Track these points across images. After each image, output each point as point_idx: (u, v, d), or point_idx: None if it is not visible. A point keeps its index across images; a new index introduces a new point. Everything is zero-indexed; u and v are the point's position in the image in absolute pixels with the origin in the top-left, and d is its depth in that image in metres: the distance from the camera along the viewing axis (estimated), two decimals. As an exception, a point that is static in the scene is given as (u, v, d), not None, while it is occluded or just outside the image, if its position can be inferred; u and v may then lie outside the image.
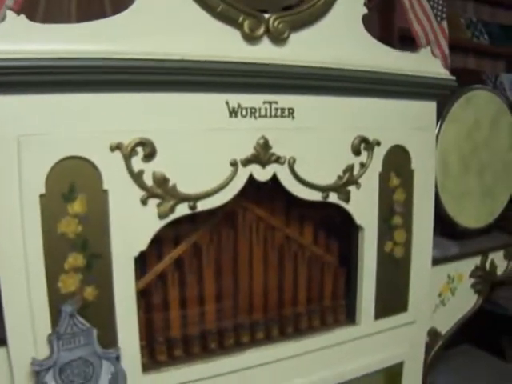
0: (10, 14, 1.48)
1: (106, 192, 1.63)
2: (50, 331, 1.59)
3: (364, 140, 2.04)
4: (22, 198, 1.52)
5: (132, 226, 1.67)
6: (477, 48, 4.86)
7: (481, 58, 4.97)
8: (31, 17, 1.52)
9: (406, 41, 3.63)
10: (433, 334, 2.54)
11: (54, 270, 1.59)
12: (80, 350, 1.64)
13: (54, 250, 1.58)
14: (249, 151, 1.83)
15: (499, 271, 2.82)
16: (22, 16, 1.50)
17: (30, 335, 1.58)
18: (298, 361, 2.07)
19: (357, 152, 2.04)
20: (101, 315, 1.67)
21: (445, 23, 2.70)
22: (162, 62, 1.63)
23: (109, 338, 1.68)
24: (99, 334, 1.65)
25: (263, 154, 1.84)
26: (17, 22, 1.49)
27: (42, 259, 1.56)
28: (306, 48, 1.90)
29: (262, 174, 1.87)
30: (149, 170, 1.67)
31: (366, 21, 2.06)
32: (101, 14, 2.66)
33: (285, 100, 1.88)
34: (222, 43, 1.76)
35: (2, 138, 1.49)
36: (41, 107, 1.53)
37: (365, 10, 2.05)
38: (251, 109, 1.82)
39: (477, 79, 4.32)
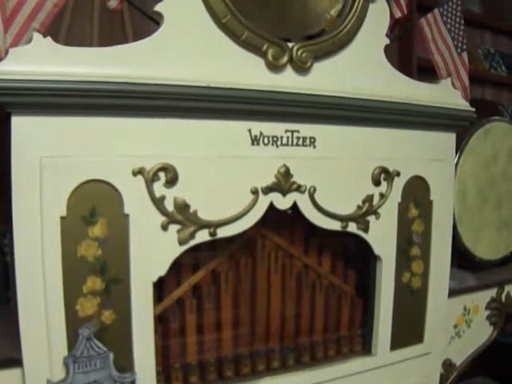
0: (37, 36, 1.50)
1: (126, 216, 1.63)
2: (66, 354, 1.58)
3: (384, 170, 2.05)
4: (42, 219, 1.52)
5: (152, 251, 1.67)
6: (494, 79, 4.86)
7: (498, 89, 4.96)
8: (54, 41, 1.53)
9: (424, 71, 3.66)
10: (448, 365, 2.51)
11: (72, 292, 1.58)
12: (95, 374, 1.63)
13: (73, 273, 1.58)
14: (270, 179, 1.83)
15: (515, 303, 2.80)
16: (49, 38, 1.51)
17: (45, 357, 1.57)
18: (314, 390, 2.06)
19: (377, 182, 2.04)
20: (118, 339, 1.66)
21: (465, 55, 2.72)
22: (187, 88, 1.64)
23: (125, 363, 1.67)
24: (115, 358, 1.64)
25: (284, 183, 1.84)
26: (43, 43, 1.50)
27: (60, 282, 1.56)
28: (329, 77, 1.91)
29: (283, 203, 1.87)
30: (170, 196, 1.68)
31: (386, 51, 2.06)
32: (123, 40, 2.69)
33: (306, 129, 1.88)
34: (246, 71, 1.77)
35: (25, 159, 1.49)
36: (64, 129, 1.53)
37: (387, 41, 2.06)
38: (273, 137, 1.83)
39: (493, 110, 4.32)
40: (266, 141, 1.81)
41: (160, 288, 1.78)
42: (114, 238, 1.62)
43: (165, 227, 1.68)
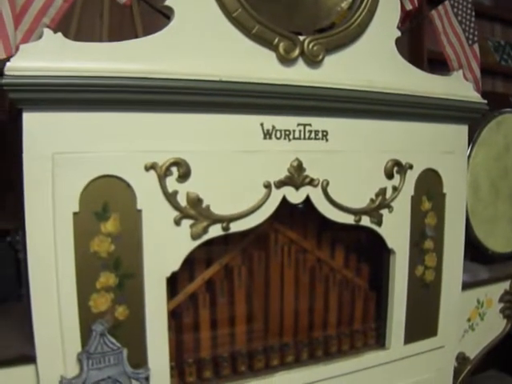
0: (47, 32, 1.50)
1: (139, 212, 1.63)
2: (79, 350, 1.59)
3: (397, 163, 2.04)
4: (55, 215, 1.53)
5: (165, 246, 1.67)
6: (505, 71, 4.83)
7: (509, 81, 4.93)
8: (64, 36, 1.53)
9: (434, 63, 3.64)
10: (461, 358, 2.51)
11: (85, 288, 1.58)
12: (109, 370, 1.63)
13: (86, 269, 1.58)
14: (282, 173, 1.82)
15: (529, 296, 2.79)
16: (59, 34, 1.51)
17: (59, 353, 1.57)
18: (328, 384, 2.06)
19: (389, 175, 2.03)
20: (131, 335, 1.66)
21: (476, 46, 2.70)
22: (199, 82, 1.63)
23: (139, 358, 1.67)
24: (129, 353, 1.65)
25: (297, 177, 1.84)
26: (54, 39, 1.50)
27: (73, 277, 1.56)
28: (340, 70, 1.90)
29: (296, 197, 1.86)
30: (183, 191, 1.67)
31: (397, 43, 2.05)
32: (132, 35, 2.69)
33: (319, 122, 1.88)
34: (258, 65, 1.76)
35: (37, 155, 1.49)
36: (76, 125, 1.53)
37: (398, 33, 2.05)
38: (285, 131, 1.82)
39: (505, 102, 4.30)
40: (278, 135, 1.81)
41: (173, 283, 1.78)
42: (127, 233, 1.62)
43: (178, 222, 1.68)
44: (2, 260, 2.07)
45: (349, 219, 1.98)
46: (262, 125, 1.78)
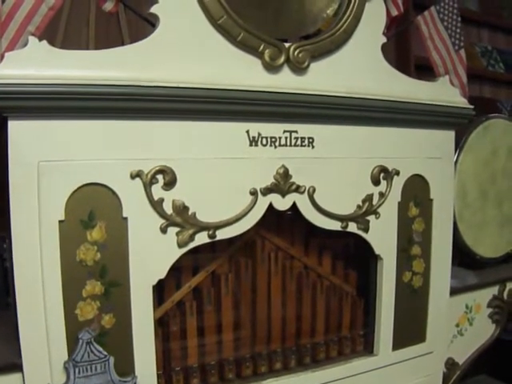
0: (32, 40, 1.50)
1: (125, 219, 1.62)
2: (66, 358, 1.58)
3: (383, 169, 2.04)
4: (40, 223, 1.52)
5: (151, 254, 1.66)
6: (492, 76, 4.85)
7: (496, 86, 4.96)
8: (50, 44, 1.53)
9: (421, 69, 3.66)
10: (450, 364, 2.51)
11: (71, 297, 1.58)
12: (96, 378, 1.63)
13: (72, 277, 1.57)
14: (269, 180, 1.82)
15: (517, 301, 2.79)
16: (44, 42, 1.51)
17: (45, 361, 1.56)
18: (316, 391, 2.06)
19: (376, 182, 2.03)
20: (118, 343, 1.65)
21: (463, 52, 2.71)
22: (184, 89, 1.63)
23: (125, 367, 1.67)
24: (116, 361, 1.64)
25: (283, 184, 1.84)
26: (39, 47, 1.50)
27: (59, 286, 1.56)
28: (326, 77, 1.91)
29: (282, 204, 1.86)
30: (169, 198, 1.67)
31: (383, 49, 2.06)
32: (119, 43, 2.69)
33: (305, 129, 1.88)
34: (243, 72, 1.76)
35: (22, 164, 1.49)
36: (62, 133, 1.53)
37: (384, 40, 2.06)
38: (271, 138, 1.82)
39: (492, 107, 4.32)
40: (264, 142, 1.81)
41: (160, 291, 1.78)
42: (113, 241, 1.62)
43: (164, 230, 1.67)
44: (-12, 269, 2.07)
45: (336, 226, 1.98)
46: (247, 132, 1.78)
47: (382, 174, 2.04)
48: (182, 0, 1.68)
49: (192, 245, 1.72)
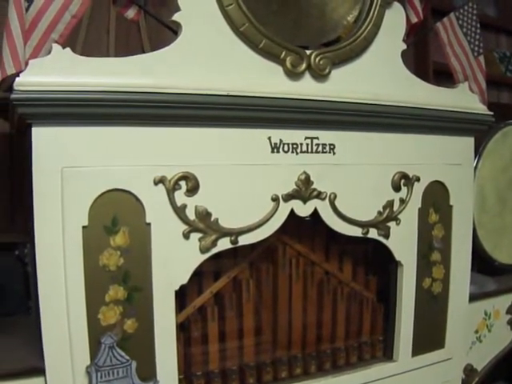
0: (56, 47, 1.51)
1: (148, 225, 1.63)
2: (88, 362, 1.59)
3: (404, 176, 2.04)
4: (64, 229, 1.53)
5: (174, 259, 1.67)
6: (510, 82, 4.82)
7: (515, 92, 4.93)
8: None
9: (440, 75, 3.64)
10: (469, 370, 2.49)
11: (94, 301, 1.59)
12: (118, 382, 1.64)
13: (95, 282, 1.59)
14: (290, 187, 1.83)
15: (536, 307, 2.78)
16: (68, 49, 1.52)
17: (68, 366, 1.57)
18: (336, 397, 2.06)
19: (397, 188, 2.03)
20: (140, 348, 1.66)
21: (482, 58, 2.70)
22: (207, 96, 1.64)
23: (147, 371, 1.68)
24: (138, 366, 1.65)
25: (304, 190, 1.85)
26: (62, 54, 1.51)
27: (83, 291, 1.57)
28: (347, 83, 1.91)
29: (303, 210, 1.87)
30: (191, 204, 1.68)
31: (402, 56, 2.07)
32: (139, 50, 2.70)
33: (326, 136, 1.89)
34: (265, 79, 1.77)
35: (47, 170, 1.50)
36: (85, 139, 1.54)
37: (404, 46, 2.06)
38: (293, 144, 1.83)
39: (510, 114, 4.30)
40: (285, 148, 1.82)
41: (182, 296, 1.79)
42: (136, 246, 1.63)
43: (186, 236, 1.68)
44: (10, 273, 2.08)
45: (356, 232, 1.98)
46: (269, 138, 1.79)
47: (402, 181, 2.04)
48: (204, 8, 1.69)
49: (214, 250, 1.73)
